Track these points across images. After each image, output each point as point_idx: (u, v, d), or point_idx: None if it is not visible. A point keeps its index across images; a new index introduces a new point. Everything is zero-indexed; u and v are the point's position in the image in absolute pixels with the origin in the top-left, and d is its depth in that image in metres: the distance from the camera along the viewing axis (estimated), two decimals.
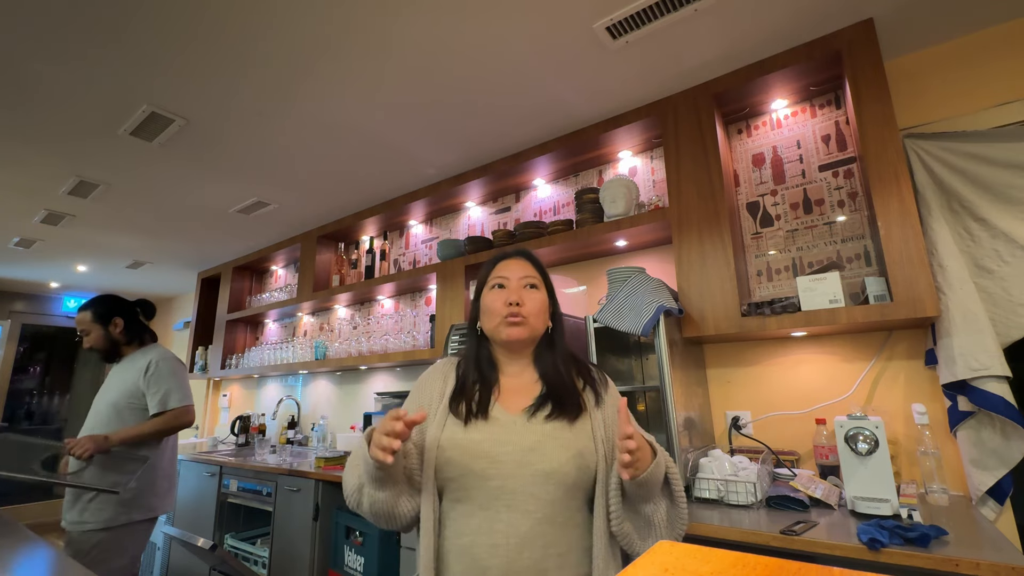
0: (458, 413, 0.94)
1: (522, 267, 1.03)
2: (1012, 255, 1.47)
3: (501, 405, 0.96)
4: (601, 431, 0.94)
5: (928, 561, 0.99)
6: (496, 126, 2.17)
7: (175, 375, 1.96)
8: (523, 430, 0.91)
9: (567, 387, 0.97)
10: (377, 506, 0.88)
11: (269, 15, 1.52)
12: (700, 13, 1.55)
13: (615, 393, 1.03)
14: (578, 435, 0.91)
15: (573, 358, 1.04)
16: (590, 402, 0.97)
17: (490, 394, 0.97)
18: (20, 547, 1.21)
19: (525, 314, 0.98)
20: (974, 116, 1.60)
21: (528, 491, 0.86)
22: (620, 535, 0.87)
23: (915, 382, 1.59)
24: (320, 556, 2.22)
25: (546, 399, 0.95)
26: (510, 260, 1.05)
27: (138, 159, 2.40)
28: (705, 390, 1.91)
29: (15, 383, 5.07)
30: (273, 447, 3.04)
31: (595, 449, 0.91)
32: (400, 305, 3.13)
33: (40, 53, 1.66)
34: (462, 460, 0.88)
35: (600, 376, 1.03)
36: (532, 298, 1.00)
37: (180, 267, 4.36)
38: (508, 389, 0.99)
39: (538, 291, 1.02)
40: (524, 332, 0.98)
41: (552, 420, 0.92)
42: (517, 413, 0.94)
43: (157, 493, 1.88)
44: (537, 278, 1.03)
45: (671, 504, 0.89)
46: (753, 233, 1.93)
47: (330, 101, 1.96)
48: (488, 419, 0.93)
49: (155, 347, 2.06)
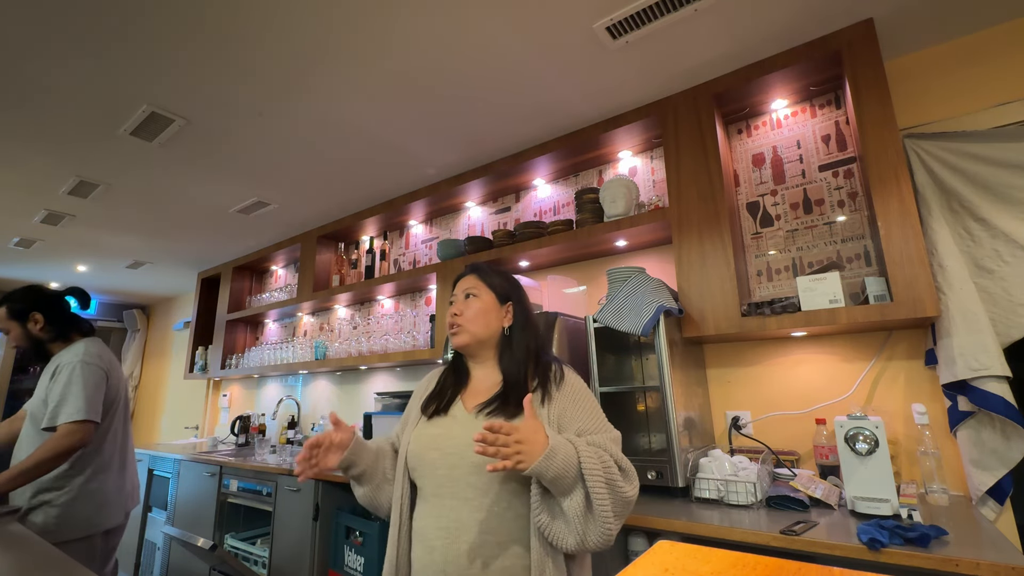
0: (426, 411, 1.08)
1: (465, 282, 1.14)
2: (1012, 255, 1.47)
3: (463, 403, 1.07)
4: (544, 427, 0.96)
5: (928, 561, 0.99)
6: (496, 126, 2.17)
7: (76, 382, 1.66)
8: (468, 425, 1.01)
9: (517, 385, 1.04)
10: (363, 498, 1.06)
11: (269, 15, 1.52)
12: (700, 13, 1.55)
13: (574, 387, 1.06)
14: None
15: (536, 356, 1.10)
16: (536, 399, 1.02)
17: (457, 395, 1.09)
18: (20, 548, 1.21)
19: (461, 323, 1.09)
20: (974, 116, 1.60)
21: (466, 480, 0.96)
22: (540, 526, 0.90)
23: (915, 382, 1.59)
24: (320, 556, 2.22)
25: (496, 397, 1.03)
26: (461, 280, 1.16)
27: (138, 159, 2.40)
28: (705, 390, 1.91)
29: (15, 383, 5.07)
30: (273, 447, 3.04)
31: None
32: (400, 305, 3.13)
33: (40, 53, 1.66)
34: (419, 451, 1.02)
35: (556, 373, 1.07)
36: (468, 306, 1.10)
37: (180, 267, 4.36)
38: (473, 390, 1.10)
39: (476, 299, 1.11)
40: (463, 339, 1.09)
41: (492, 416, 1.00)
42: (470, 410, 1.04)
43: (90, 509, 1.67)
44: (478, 286, 1.12)
45: (587, 504, 0.88)
46: (753, 233, 1.93)
47: (330, 101, 1.96)
48: (447, 416, 1.05)
49: (79, 344, 1.79)
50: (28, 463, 1.56)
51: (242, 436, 3.51)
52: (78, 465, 1.70)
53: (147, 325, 5.81)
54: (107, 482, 1.75)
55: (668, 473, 1.50)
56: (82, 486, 1.68)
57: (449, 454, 0.98)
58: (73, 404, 1.63)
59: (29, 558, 1.12)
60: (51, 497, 1.64)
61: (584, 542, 0.87)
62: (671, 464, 1.50)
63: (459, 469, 0.97)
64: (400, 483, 1.03)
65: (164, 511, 3.18)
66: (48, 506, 1.63)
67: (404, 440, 1.07)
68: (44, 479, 1.63)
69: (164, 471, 3.27)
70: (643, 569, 0.39)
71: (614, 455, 0.93)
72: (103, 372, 1.76)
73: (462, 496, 0.95)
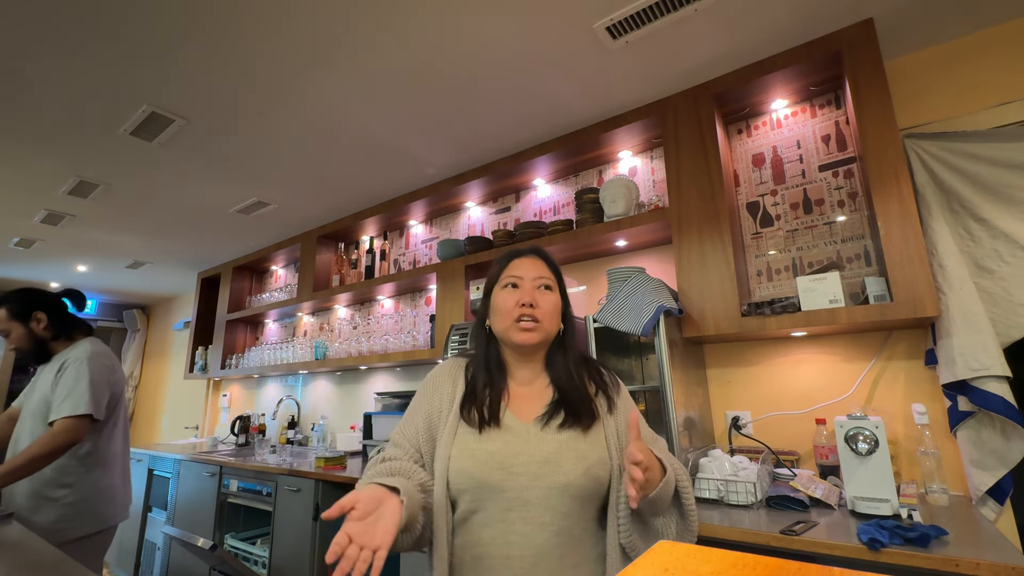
0: (470, 420, 0.91)
1: (537, 267, 0.99)
2: (1012, 255, 1.47)
3: (512, 412, 0.92)
4: (615, 439, 0.91)
5: (928, 561, 0.99)
6: (496, 126, 2.17)
7: (83, 378, 1.67)
8: (537, 440, 0.88)
9: (580, 394, 0.93)
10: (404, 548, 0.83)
11: (269, 15, 1.52)
12: (700, 13, 1.55)
13: (627, 397, 1.00)
14: (592, 445, 0.89)
15: (585, 361, 1.01)
16: (602, 408, 0.94)
17: (500, 400, 0.94)
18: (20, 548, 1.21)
19: (539, 317, 0.94)
20: (974, 116, 1.60)
21: (544, 503, 0.84)
22: (629, 547, 0.86)
23: (915, 382, 1.59)
24: (320, 556, 2.22)
25: (558, 406, 0.92)
26: (524, 258, 1.00)
27: (138, 159, 2.40)
28: (705, 390, 1.91)
29: (15, 383, 5.07)
30: (273, 447, 3.04)
31: (609, 459, 0.89)
32: (400, 305, 3.13)
33: (40, 53, 1.66)
34: (476, 472, 0.85)
35: (612, 380, 1.00)
36: (546, 300, 0.96)
37: (180, 267, 4.36)
38: (518, 395, 0.96)
39: (552, 292, 0.98)
40: (537, 336, 0.94)
41: (566, 429, 0.89)
42: (529, 421, 0.91)
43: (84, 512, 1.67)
44: (551, 279, 0.99)
45: (681, 518, 0.88)
46: (753, 233, 1.93)
47: (330, 101, 1.96)
48: (501, 427, 0.90)
49: (83, 342, 1.82)
50: (21, 459, 1.55)
51: (242, 436, 3.51)
52: (88, 462, 1.71)
53: (147, 325, 5.81)
54: (115, 478, 1.78)
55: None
56: (94, 482, 1.70)
57: (518, 474, 0.85)
58: (77, 399, 1.63)
59: (28, 558, 1.12)
60: (59, 495, 1.64)
61: None
62: None
63: (531, 491, 0.84)
64: (443, 508, 0.86)
65: (164, 511, 3.18)
66: (55, 504, 1.63)
67: (441, 455, 0.89)
68: (47, 478, 1.63)
69: (164, 471, 3.27)
70: (643, 569, 0.39)
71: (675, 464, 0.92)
72: (109, 369, 1.78)
73: (537, 521, 0.83)
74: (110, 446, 1.79)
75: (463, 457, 0.87)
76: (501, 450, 0.87)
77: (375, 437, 2.55)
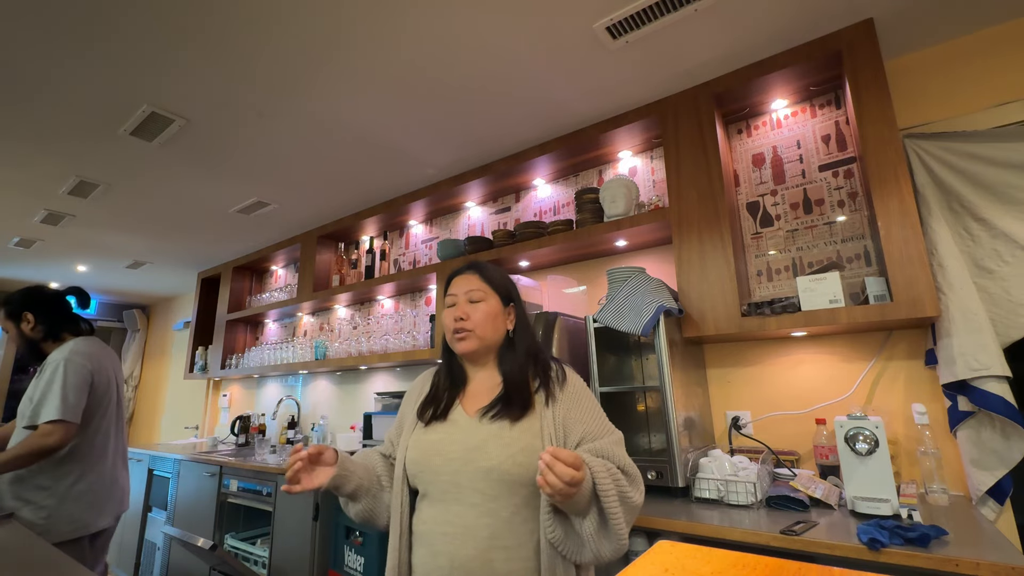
0: (423, 417, 1.06)
1: (467, 281, 1.10)
2: (1012, 255, 1.47)
3: (462, 407, 1.05)
4: (551, 429, 0.96)
5: (928, 561, 0.99)
6: (496, 126, 2.17)
7: (57, 381, 1.64)
8: (472, 429, 0.99)
9: (519, 387, 1.02)
10: (360, 514, 1.04)
11: (269, 15, 1.52)
12: (700, 13, 1.55)
13: (577, 390, 1.05)
14: (522, 433, 0.96)
15: (535, 357, 1.08)
16: (540, 401, 1.01)
17: (455, 399, 1.06)
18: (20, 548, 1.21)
19: (470, 327, 1.05)
20: (974, 116, 1.60)
21: (473, 486, 0.94)
22: (554, 541, 0.89)
23: (915, 382, 1.59)
24: (320, 556, 2.22)
25: (499, 400, 1.01)
26: (458, 277, 1.12)
27: (138, 159, 2.40)
28: (705, 390, 1.91)
29: (15, 383, 5.07)
30: (273, 447, 3.04)
31: (541, 447, 0.95)
32: (400, 305, 3.13)
33: (40, 53, 1.66)
34: (420, 458, 1.00)
35: (558, 373, 1.06)
36: (476, 310, 1.06)
37: (180, 267, 4.36)
38: (472, 393, 1.07)
39: (484, 303, 1.07)
40: (471, 344, 1.05)
41: (497, 419, 0.98)
42: (472, 415, 1.02)
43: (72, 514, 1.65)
44: (483, 289, 1.09)
45: (601, 522, 0.87)
46: (753, 233, 1.93)
47: (330, 101, 1.96)
48: (447, 421, 1.03)
49: (69, 343, 1.77)
50: (2, 458, 1.55)
51: (242, 436, 3.51)
52: (65, 466, 1.68)
53: (147, 325, 5.81)
54: (97, 483, 1.73)
55: (668, 473, 1.50)
56: (70, 488, 1.66)
57: (453, 459, 0.97)
58: (52, 403, 1.61)
59: (26, 558, 1.12)
60: (38, 498, 1.61)
61: (599, 556, 0.87)
62: (671, 464, 1.50)
63: (464, 475, 0.95)
64: (399, 490, 1.02)
65: (164, 511, 3.18)
66: (34, 507, 1.60)
67: (401, 446, 1.06)
68: (27, 481, 1.61)
69: (164, 471, 3.27)
70: (643, 569, 0.39)
71: (620, 461, 0.93)
72: (88, 371, 1.73)
73: (468, 501, 0.94)
74: (92, 450, 1.74)
75: (413, 447, 1.03)
76: (442, 440, 1.00)
77: (375, 437, 2.55)
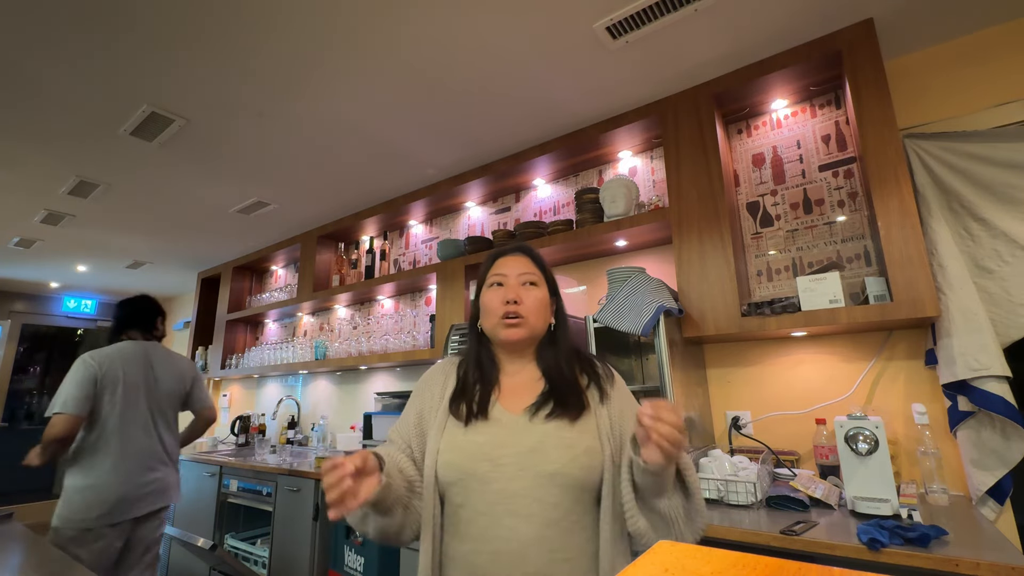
0: (458, 414, 0.92)
1: (521, 263, 1.00)
2: (1012, 255, 1.47)
3: (502, 405, 0.93)
4: (607, 428, 0.89)
5: (928, 561, 0.99)
6: (496, 126, 2.17)
7: (66, 378, 1.83)
8: (524, 430, 0.88)
9: (569, 384, 0.93)
10: (385, 530, 0.86)
11: (269, 16, 1.52)
12: (700, 13, 1.55)
13: (624, 389, 0.98)
14: (582, 434, 0.87)
15: (576, 354, 1.00)
16: (594, 399, 0.93)
17: (490, 394, 0.94)
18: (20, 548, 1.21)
19: (524, 313, 0.94)
20: (974, 116, 1.60)
21: (531, 494, 0.82)
22: (636, 533, 0.82)
23: (915, 382, 1.59)
24: (320, 556, 2.22)
25: (548, 397, 0.91)
26: (508, 257, 1.01)
27: (138, 159, 2.40)
28: (705, 390, 1.91)
29: (15, 383, 5.07)
30: (273, 447, 3.04)
31: (601, 448, 0.87)
32: (400, 305, 3.13)
33: (40, 53, 1.66)
34: (463, 463, 0.86)
35: (605, 371, 0.98)
36: (530, 296, 0.96)
37: (180, 267, 4.36)
38: (509, 388, 0.96)
39: (537, 288, 0.98)
40: (522, 332, 0.94)
41: (553, 419, 0.88)
42: (518, 413, 0.91)
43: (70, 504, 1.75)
44: (536, 274, 0.99)
45: (686, 498, 0.83)
46: (753, 233, 1.93)
47: (330, 101, 1.96)
48: (488, 420, 0.90)
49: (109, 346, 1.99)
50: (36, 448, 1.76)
51: (242, 436, 3.51)
52: (69, 463, 1.81)
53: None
54: (96, 479, 1.77)
55: None
56: (71, 483, 1.78)
57: (505, 464, 0.84)
58: (55, 398, 1.79)
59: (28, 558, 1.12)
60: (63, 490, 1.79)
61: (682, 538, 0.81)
62: None
63: (520, 481, 0.83)
64: (432, 502, 0.87)
65: None
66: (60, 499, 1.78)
67: (431, 449, 0.90)
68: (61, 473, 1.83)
69: None
70: (643, 569, 0.39)
71: None
72: (93, 369, 1.85)
73: (523, 513, 0.81)
74: (96, 447, 1.81)
75: (450, 450, 0.88)
76: (488, 441, 0.87)
77: (375, 437, 2.55)
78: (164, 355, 2.08)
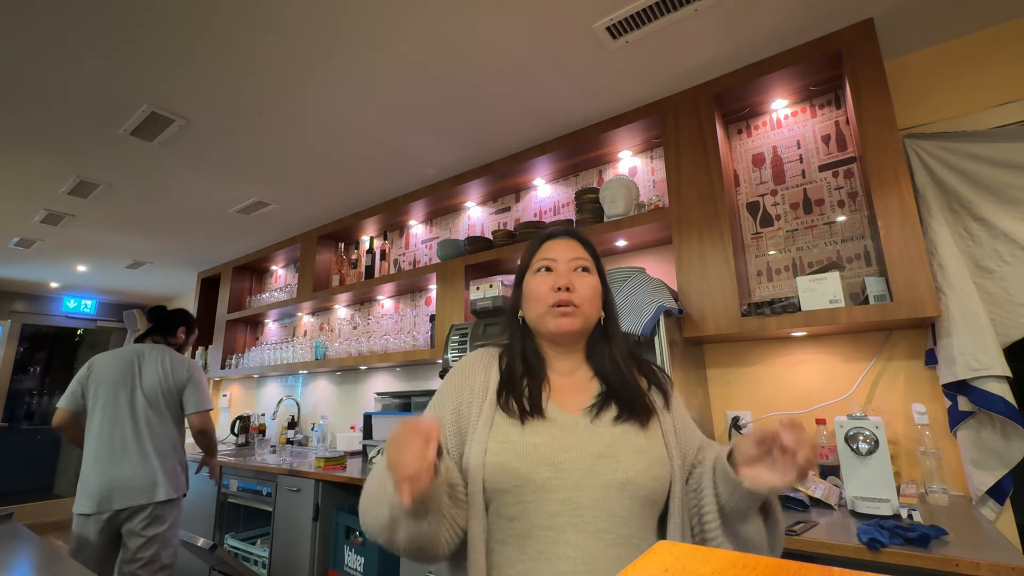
0: (509, 410, 0.78)
1: (571, 248, 0.88)
2: (1012, 255, 1.47)
3: (556, 404, 0.80)
4: (672, 438, 0.80)
5: (928, 561, 0.99)
6: (496, 126, 2.17)
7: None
8: (589, 433, 0.76)
9: (631, 386, 0.82)
10: (418, 540, 0.69)
11: (270, 16, 1.52)
12: (700, 13, 1.55)
13: (679, 396, 0.91)
14: (652, 441, 0.78)
15: (632, 353, 0.90)
16: (658, 404, 0.83)
17: (540, 390, 0.82)
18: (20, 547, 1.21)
19: (577, 301, 0.82)
20: (974, 116, 1.60)
21: (599, 506, 0.71)
22: None
23: (915, 382, 1.59)
24: (320, 556, 2.22)
25: (608, 398, 0.81)
26: (558, 240, 0.89)
27: (138, 159, 2.40)
28: (705, 390, 1.91)
29: (15, 383, 5.07)
30: (273, 447, 3.04)
31: (669, 458, 0.77)
32: (400, 305, 3.13)
33: (40, 53, 1.66)
34: (519, 467, 0.73)
35: (664, 376, 0.89)
36: (584, 283, 0.84)
37: (180, 267, 4.36)
38: (560, 386, 0.84)
39: (590, 275, 0.87)
40: (575, 323, 0.82)
41: (621, 422, 0.77)
42: (577, 413, 0.79)
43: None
44: (588, 260, 0.88)
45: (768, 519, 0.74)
46: (753, 233, 1.93)
47: (330, 101, 1.96)
48: (545, 419, 0.78)
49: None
50: None
51: (242, 436, 3.51)
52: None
53: (147, 325, 5.80)
54: (84, 470, 1.91)
55: None
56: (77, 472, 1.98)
57: (570, 471, 0.73)
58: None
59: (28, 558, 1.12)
60: None
61: None
62: None
63: (587, 491, 0.72)
64: (480, 512, 0.74)
65: None
66: None
67: (476, 450, 0.76)
68: None
69: None
70: (643, 569, 0.39)
71: None
72: (84, 368, 2.05)
73: (592, 528, 0.70)
74: (87, 441, 1.96)
75: (503, 451, 0.74)
76: (547, 443, 0.75)
77: (375, 437, 2.55)
78: (159, 355, 2.09)
